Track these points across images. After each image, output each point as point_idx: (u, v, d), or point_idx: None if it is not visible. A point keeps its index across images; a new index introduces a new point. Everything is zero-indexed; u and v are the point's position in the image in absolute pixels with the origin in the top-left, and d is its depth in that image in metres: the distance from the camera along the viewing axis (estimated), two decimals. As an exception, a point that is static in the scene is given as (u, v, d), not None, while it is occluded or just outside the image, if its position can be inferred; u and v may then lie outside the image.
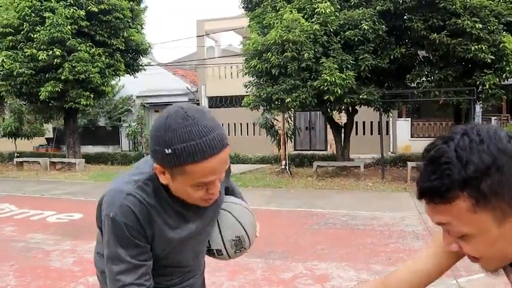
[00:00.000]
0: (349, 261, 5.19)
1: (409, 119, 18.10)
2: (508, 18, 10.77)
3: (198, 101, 20.82)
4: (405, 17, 11.42)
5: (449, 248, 0.91)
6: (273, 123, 15.03)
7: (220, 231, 1.49)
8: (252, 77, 12.69)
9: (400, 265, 4.97)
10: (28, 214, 8.46)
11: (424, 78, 11.87)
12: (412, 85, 12.31)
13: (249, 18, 13.40)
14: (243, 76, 14.29)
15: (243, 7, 13.73)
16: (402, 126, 17.73)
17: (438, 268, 1.10)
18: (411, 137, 17.69)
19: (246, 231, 1.50)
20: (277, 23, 11.40)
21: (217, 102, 20.79)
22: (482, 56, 10.36)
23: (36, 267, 5.27)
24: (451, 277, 4.55)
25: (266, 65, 11.43)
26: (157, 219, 1.28)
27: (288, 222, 7.43)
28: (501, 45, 10.50)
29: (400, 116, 18.11)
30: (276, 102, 11.87)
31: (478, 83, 10.79)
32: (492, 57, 10.47)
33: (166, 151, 1.13)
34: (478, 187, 0.80)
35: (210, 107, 21.24)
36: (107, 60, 14.72)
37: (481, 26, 10.27)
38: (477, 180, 0.80)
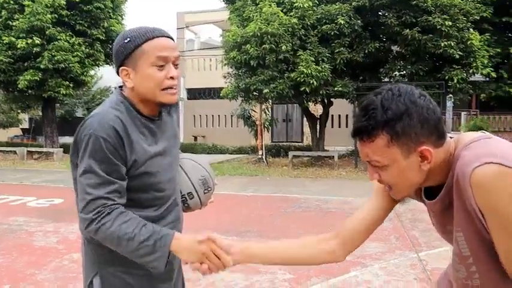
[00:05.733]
0: (320, 239, 5.54)
1: (384, 112, 18.57)
2: (476, 17, 11.31)
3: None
4: (380, 13, 11.86)
5: (371, 178, 1.22)
6: (250, 114, 15.33)
7: (186, 174, 1.64)
8: (231, 68, 12.96)
9: (367, 242, 5.33)
10: (8, 200, 8.51)
11: (396, 72, 12.34)
12: (385, 79, 12.77)
13: (229, 11, 13.64)
14: (222, 68, 14.54)
15: (224, 0, 13.95)
16: (376, 120, 18.19)
17: (382, 208, 1.36)
18: (385, 129, 18.16)
19: (207, 171, 1.68)
20: (256, 16, 11.68)
21: (196, 93, 20.95)
22: (451, 52, 10.86)
23: (21, 245, 5.40)
24: (412, 251, 4.94)
25: (245, 56, 11.71)
26: (133, 134, 1.41)
27: (263, 206, 7.76)
28: (469, 42, 11.03)
29: (374, 110, 18.57)
30: (254, 93, 12.19)
31: (447, 77, 11.31)
32: (460, 53, 10.98)
33: (125, 40, 1.41)
34: (393, 127, 1.10)
35: (189, 98, 21.40)
36: (87, 50, 14.76)
37: (450, 23, 10.77)
38: (393, 122, 1.09)
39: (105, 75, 21.70)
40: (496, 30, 12.71)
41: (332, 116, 16.65)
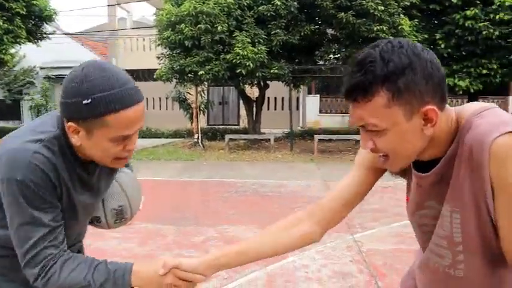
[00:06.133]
0: (258, 224, 5.45)
1: (318, 95, 18.93)
2: (406, 3, 11.64)
3: (108, 73, 19.94)
4: (315, -5, 11.84)
5: (365, 147, 1.05)
6: (185, 96, 14.94)
7: (102, 200, 1.43)
8: (165, 48, 12.48)
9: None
10: None
11: (331, 56, 12.47)
12: (320, 62, 12.89)
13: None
14: (155, 48, 13.96)
15: (156, -24, 13.34)
16: (311, 102, 18.51)
17: (365, 183, 1.24)
18: (320, 112, 18.55)
19: (129, 202, 1.47)
20: (191, -7, 11.28)
21: (129, 75, 20.08)
22: (383, 36, 11.10)
23: None
24: (348, 233, 4.98)
25: (179, 36, 11.30)
26: (66, 180, 1.21)
27: (199, 192, 7.56)
28: (399, 27, 11.35)
29: (309, 93, 18.87)
30: (189, 75, 11.83)
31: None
32: (392, 37, 11.20)
33: (85, 101, 1.07)
34: (395, 82, 0.94)
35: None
36: (5, 25, 13.53)
37: (382, 8, 10.99)
38: (395, 76, 0.94)
39: (29, 54, 20.18)
40: (423, 17, 13.18)
41: (268, 98, 16.65)
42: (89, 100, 1.07)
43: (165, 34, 11.64)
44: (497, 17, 12.31)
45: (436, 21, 13.49)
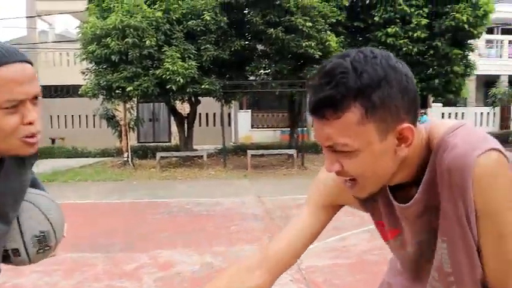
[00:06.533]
0: (193, 246, 5.24)
1: (249, 110, 19.01)
2: (332, 20, 12.04)
3: (28, 89, 18.74)
4: (245, 11, 11.92)
5: (331, 170, 0.92)
6: (113, 113, 14.33)
7: (19, 226, 1.20)
8: (91, 63, 11.92)
9: (241, 245, 5.20)
10: None
11: (262, 71, 12.58)
12: (251, 78, 12.95)
13: (87, 0, 12.53)
14: (80, 62, 13.32)
15: (80, -12, 12.79)
16: (243, 118, 18.55)
17: (317, 225, 1.12)
18: (251, 127, 18.62)
19: (53, 226, 1.25)
20: (117, 7, 10.89)
21: (51, 91, 19.01)
22: (311, 52, 11.38)
23: None
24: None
25: (106, 50, 10.83)
26: None
27: (130, 214, 7.18)
28: (327, 43, 11.68)
29: (241, 108, 18.91)
30: (117, 91, 11.35)
31: (308, 76, 11.82)
32: (320, 53, 11.57)
33: None
34: (370, 96, 0.83)
35: (43, 97, 19.31)
36: None
37: (310, 24, 11.27)
38: (370, 89, 0.83)
39: None
40: (349, 34, 13.73)
41: (200, 114, 16.44)
42: None
43: (90, 48, 11.11)
44: (415, 34, 13.12)
45: (360, 38, 14.09)
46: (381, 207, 1.06)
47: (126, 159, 12.93)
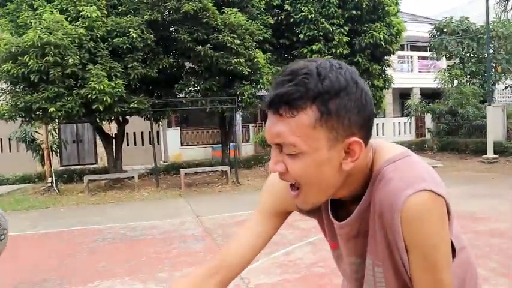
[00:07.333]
0: (134, 274, 4.98)
1: (179, 128, 18.72)
2: (259, 37, 12.25)
3: None
4: (172, 29, 11.78)
5: (274, 169, 0.91)
6: (33, 136, 13.41)
7: None
8: (6, 83, 11.08)
9: (184, 269, 5.02)
10: None
11: (191, 88, 12.45)
12: (181, 95, 12.77)
13: (-1, 15, 11.70)
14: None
15: (-9, 3, 11.90)
16: (172, 136, 18.20)
17: (270, 232, 1.12)
18: (181, 145, 18.31)
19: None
20: (35, 22, 10.26)
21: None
22: (240, 68, 11.46)
23: None
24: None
25: (23, 69, 10.13)
26: None
27: (60, 245, 6.68)
28: (255, 60, 11.84)
29: (169, 126, 18.56)
30: (37, 113, 10.64)
31: (238, 92, 11.90)
32: (249, 70, 11.70)
33: None
34: (327, 103, 0.84)
35: None
36: None
37: (238, 41, 11.36)
38: (329, 96, 0.84)
39: None
40: (275, 51, 14.06)
41: (127, 133, 15.89)
42: None
43: (4, 67, 10.33)
44: (337, 51, 13.75)
45: (286, 55, 14.49)
46: (324, 219, 1.09)
47: (50, 184, 12.09)
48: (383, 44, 14.09)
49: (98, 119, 11.63)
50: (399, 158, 0.93)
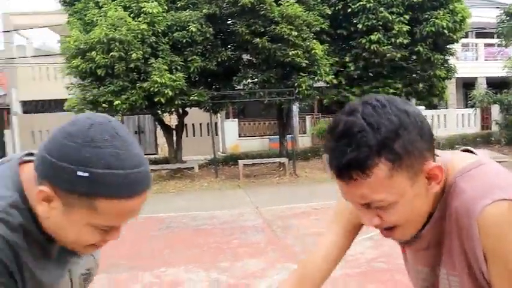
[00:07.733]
0: (197, 263, 5.17)
1: (236, 119, 18.98)
2: (317, 28, 12.13)
3: (9, 106, 18.36)
4: (230, 22, 11.93)
5: (371, 224, 0.92)
6: (100, 127, 14.10)
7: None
8: (75, 78, 11.74)
9: (246, 259, 5.15)
10: None
11: (249, 80, 12.56)
12: (239, 87, 12.93)
13: (68, 13, 12.35)
14: (63, 77, 13.11)
15: (60, 1, 12.59)
16: (230, 127, 18.49)
17: (347, 243, 1.16)
18: (239, 136, 18.57)
19: (96, 260, 1.19)
20: (101, 20, 10.77)
21: (32, 107, 18.66)
22: (298, 60, 11.43)
23: None
24: (290, 261, 4.87)
25: (91, 65, 10.69)
26: (27, 259, 0.90)
27: (127, 232, 6.94)
28: (312, 52, 11.75)
29: (227, 117, 18.85)
30: (104, 105, 11.19)
31: (295, 84, 11.87)
32: (306, 61, 11.64)
33: (80, 173, 0.81)
34: (392, 148, 0.83)
35: (24, 112, 18.97)
36: None
37: (296, 33, 11.31)
38: (391, 141, 0.83)
39: None
40: (333, 41, 13.82)
41: (186, 125, 16.33)
42: (86, 174, 0.81)
43: (73, 63, 10.94)
44: (397, 41, 13.30)
45: (344, 45, 14.21)
46: None
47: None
48: (446, 32, 13.44)
49: (159, 111, 12.05)
50: (471, 168, 0.92)
